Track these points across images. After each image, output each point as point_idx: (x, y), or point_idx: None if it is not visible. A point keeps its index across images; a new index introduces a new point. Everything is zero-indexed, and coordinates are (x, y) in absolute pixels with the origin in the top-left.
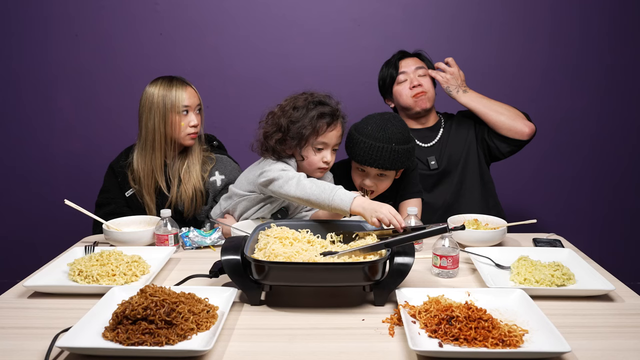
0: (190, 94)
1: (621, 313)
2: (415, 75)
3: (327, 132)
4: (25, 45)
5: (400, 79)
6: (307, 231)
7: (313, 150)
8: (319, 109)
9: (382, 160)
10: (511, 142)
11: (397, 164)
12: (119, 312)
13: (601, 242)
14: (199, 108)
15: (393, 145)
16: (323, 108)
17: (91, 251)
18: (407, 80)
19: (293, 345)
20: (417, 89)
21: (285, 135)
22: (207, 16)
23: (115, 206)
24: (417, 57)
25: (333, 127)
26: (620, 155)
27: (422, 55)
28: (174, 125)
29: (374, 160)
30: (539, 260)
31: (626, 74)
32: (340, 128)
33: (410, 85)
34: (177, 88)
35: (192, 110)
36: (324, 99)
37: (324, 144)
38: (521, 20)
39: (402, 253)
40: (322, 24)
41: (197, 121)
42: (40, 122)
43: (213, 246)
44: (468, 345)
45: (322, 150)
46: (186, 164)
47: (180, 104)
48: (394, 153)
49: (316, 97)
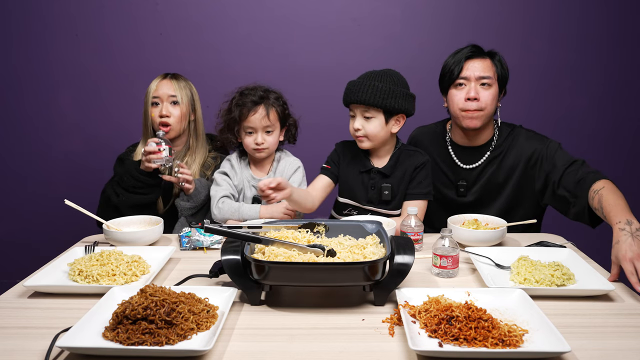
0: (163, 85)
1: (621, 313)
2: (477, 85)
3: (249, 116)
4: (26, 45)
5: (459, 82)
6: (307, 231)
7: (245, 134)
8: (241, 97)
9: (361, 93)
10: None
11: (377, 99)
12: (119, 312)
13: (601, 242)
14: (174, 101)
15: (375, 82)
16: (244, 97)
17: (91, 251)
18: (465, 87)
19: (293, 345)
20: (471, 105)
21: (224, 125)
22: (207, 16)
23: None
24: (490, 59)
25: (254, 111)
26: (620, 155)
27: (497, 58)
28: (147, 115)
29: (354, 94)
30: (538, 260)
31: (626, 74)
32: (264, 111)
33: (466, 96)
34: (155, 80)
35: (163, 102)
36: (247, 89)
37: (252, 128)
38: (521, 20)
39: (402, 253)
40: (322, 23)
41: (167, 112)
42: (41, 121)
43: (206, 248)
44: (468, 345)
45: (252, 134)
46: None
47: (150, 94)
48: (375, 89)
49: (243, 88)
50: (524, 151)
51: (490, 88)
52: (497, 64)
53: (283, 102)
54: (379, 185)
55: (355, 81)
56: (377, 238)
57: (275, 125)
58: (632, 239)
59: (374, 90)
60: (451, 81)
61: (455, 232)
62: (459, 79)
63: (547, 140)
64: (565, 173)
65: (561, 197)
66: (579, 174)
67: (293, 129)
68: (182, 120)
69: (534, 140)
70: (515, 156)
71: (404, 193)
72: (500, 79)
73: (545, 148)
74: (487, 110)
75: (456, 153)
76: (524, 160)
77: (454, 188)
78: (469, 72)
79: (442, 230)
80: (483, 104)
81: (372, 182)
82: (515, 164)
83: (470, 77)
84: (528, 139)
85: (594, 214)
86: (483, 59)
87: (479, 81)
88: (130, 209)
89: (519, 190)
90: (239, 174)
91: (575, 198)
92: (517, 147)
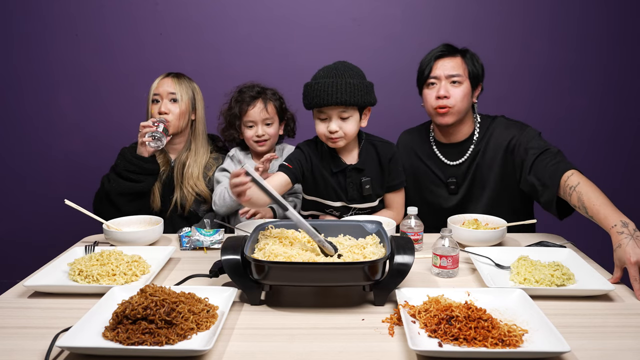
0: (164, 83)
1: (621, 313)
2: (447, 83)
3: (248, 110)
4: (26, 45)
5: (430, 81)
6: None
7: (246, 128)
8: (240, 94)
9: (339, 94)
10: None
11: (355, 97)
12: (119, 311)
13: (601, 242)
14: (173, 99)
15: (347, 79)
16: (242, 94)
17: (91, 251)
18: (436, 86)
19: (293, 345)
20: (441, 102)
21: (226, 123)
22: (207, 16)
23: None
24: (460, 56)
25: (253, 105)
26: (621, 155)
27: (468, 56)
28: (148, 113)
29: (330, 96)
30: (538, 260)
31: (626, 74)
32: (262, 104)
33: (436, 94)
34: (158, 78)
35: (163, 99)
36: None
37: (252, 121)
38: (521, 20)
39: (402, 253)
40: (322, 23)
41: (166, 109)
42: (41, 121)
43: (206, 248)
44: (468, 345)
45: (253, 127)
46: (187, 163)
47: (151, 92)
48: (351, 87)
49: (241, 86)
50: (502, 140)
51: (460, 85)
52: (468, 62)
53: (279, 97)
54: (357, 182)
55: (325, 82)
56: (377, 238)
57: (273, 118)
58: (633, 241)
59: (351, 88)
60: (423, 81)
61: (455, 232)
62: (430, 79)
63: (525, 127)
64: (537, 160)
65: (530, 184)
66: (551, 163)
67: (292, 122)
68: (180, 117)
69: (512, 128)
70: (494, 146)
71: (382, 185)
72: (472, 76)
73: (521, 135)
74: (458, 107)
75: (441, 151)
76: (502, 149)
77: (445, 186)
78: (439, 71)
79: (442, 230)
80: (453, 101)
81: (349, 180)
82: (495, 154)
83: (440, 76)
84: (507, 127)
85: (562, 206)
86: (453, 57)
87: (449, 79)
88: (121, 197)
89: (502, 180)
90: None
91: (543, 187)
92: (496, 137)
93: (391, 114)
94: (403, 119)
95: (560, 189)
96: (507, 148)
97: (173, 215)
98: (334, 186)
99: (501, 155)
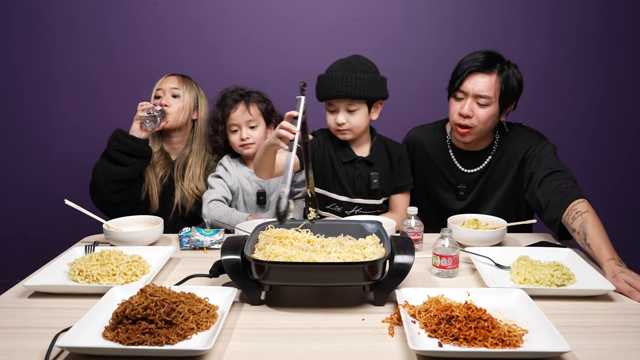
0: (167, 79)
1: (621, 313)
2: (473, 102)
3: (230, 114)
4: (26, 45)
5: (458, 95)
6: (307, 231)
7: (230, 133)
8: (222, 99)
9: (347, 87)
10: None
11: (363, 91)
12: (119, 311)
13: None
14: (175, 94)
15: (357, 73)
16: (225, 98)
17: (91, 251)
18: (462, 101)
19: (293, 345)
20: (463, 121)
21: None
22: (207, 16)
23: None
24: (497, 74)
25: (235, 108)
26: (620, 155)
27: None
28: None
29: (338, 89)
30: (538, 260)
31: (626, 74)
32: (244, 107)
33: (460, 110)
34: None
35: (165, 93)
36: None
37: (236, 125)
38: (521, 20)
39: (402, 253)
40: (322, 23)
41: (167, 102)
42: (41, 122)
43: (206, 248)
44: (468, 345)
45: (237, 131)
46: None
47: (155, 88)
48: (360, 81)
49: (224, 91)
50: (518, 150)
51: (487, 107)
52: (503, 83)
53: (265, 98)
54: (365, 175)
55: (335, 75)
56: (377, 238)
57: (258, 120)
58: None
59: (360, 82)
60: (452, 91)
61: (455, 232)
62: (458, 92)
63: (544, 141)
64: (548, 177)
65: (536, 199)
66: (564, 185)
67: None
68: (180, 112)
69: (530, 139)
70: (509, 156)
71: (390, 184)
72: (503, 96)
73: (538, 149)
74: (479, 129)
75: (457, 157)
76: (518, 159)
77: (454, 191)
78: (468, 87)
79: (442, 230)
80: (475, 122)
81: (357, 172)
82: (510, 164)
83: (469, 92)
84: (525, 138)
85: (564, 228)
86: (488, 75)
87: (476, 99)
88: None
89: (512, 188)
90: (232, 174)
91: (549, 205)
92: (512, 147)
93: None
94: (403, 119)
95: (566, 211)
96: (523, 159)
97: (174, 217)
98: (341, 177)
99: (515, 166)
